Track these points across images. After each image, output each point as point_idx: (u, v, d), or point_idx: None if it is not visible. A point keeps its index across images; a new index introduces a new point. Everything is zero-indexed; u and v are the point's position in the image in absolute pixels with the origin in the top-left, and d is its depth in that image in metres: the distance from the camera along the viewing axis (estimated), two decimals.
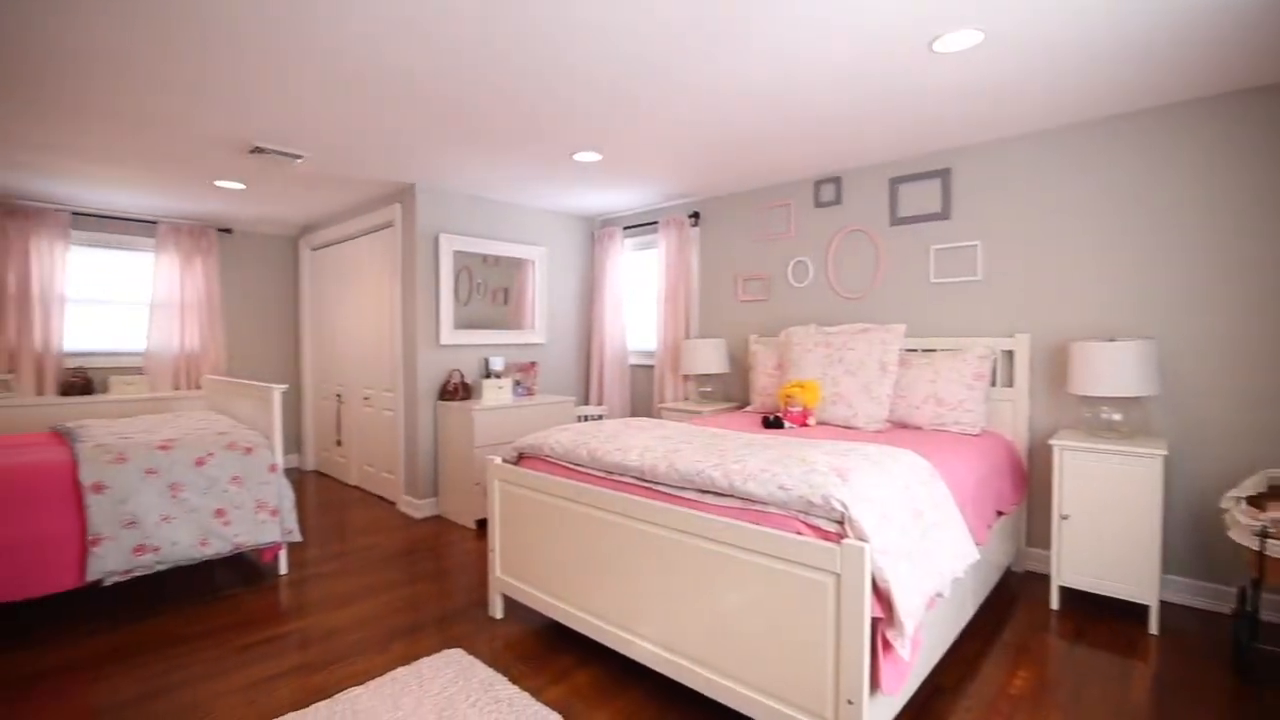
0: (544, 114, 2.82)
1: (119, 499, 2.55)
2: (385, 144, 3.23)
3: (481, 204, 4.31)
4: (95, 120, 2.84)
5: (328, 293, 5.28)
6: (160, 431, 2.98)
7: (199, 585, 2.96)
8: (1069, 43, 2.17)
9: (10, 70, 2.33)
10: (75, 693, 2.06)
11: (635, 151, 3.37)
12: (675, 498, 1.97)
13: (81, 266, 4.58)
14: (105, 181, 3.84)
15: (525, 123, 2.93)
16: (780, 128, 3.00)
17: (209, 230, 4.97)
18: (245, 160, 3.46)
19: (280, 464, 3.03)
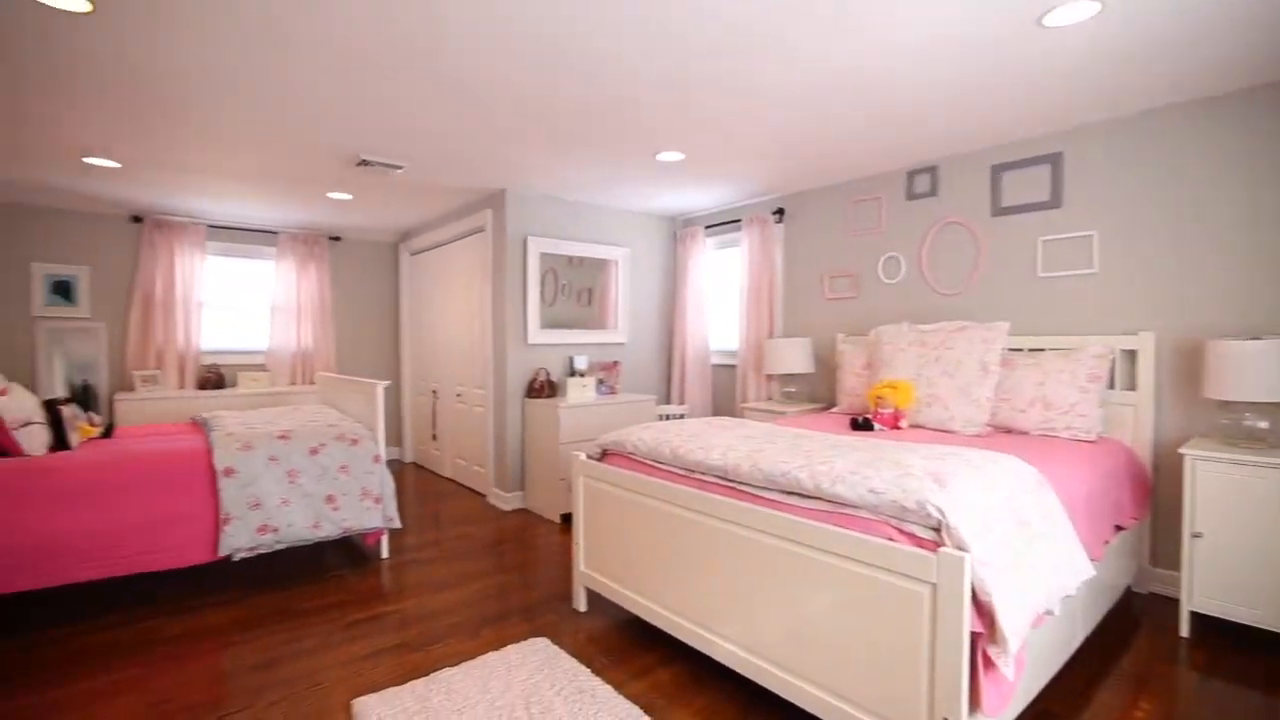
0: (628, 116, 2.85)
1: (245, 483, 2.81)
2: (478, 152, 3.38)
3: (567, 207, 4.42)
4: (226, 141, 3.15)
5: (425, 295, 5.58)
6: (279, 423, 3.26)
7: (311, 565, 3.22)
8: (1199, 6, 1.95)
9: (158, 100, 2.62)
10: (208, 656, 2.30)
11: (718, 150, 3.34)
12: (758, 498, 1.93)
13: (215, 274, 5.10)
14: (235, 196, 4.25)
15: (610, 125, 2.98)
16: (871, 118, 2.88)
17: (321, 238, 5.39)
18: (353, 172, 3.72)
19: (383, 455, 3.24)
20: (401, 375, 5.96)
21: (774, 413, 3.89)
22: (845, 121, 2.93)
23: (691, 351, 4.79)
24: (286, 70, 2.37)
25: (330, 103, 2.68)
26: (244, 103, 2.68)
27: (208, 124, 2.91)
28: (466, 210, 4.66)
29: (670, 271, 5.09)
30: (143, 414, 4.44)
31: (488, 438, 4.42)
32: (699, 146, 3.28)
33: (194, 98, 2.61)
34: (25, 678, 2.14)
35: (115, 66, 2.32)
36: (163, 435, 3.19)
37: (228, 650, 2.34)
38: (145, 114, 2.78)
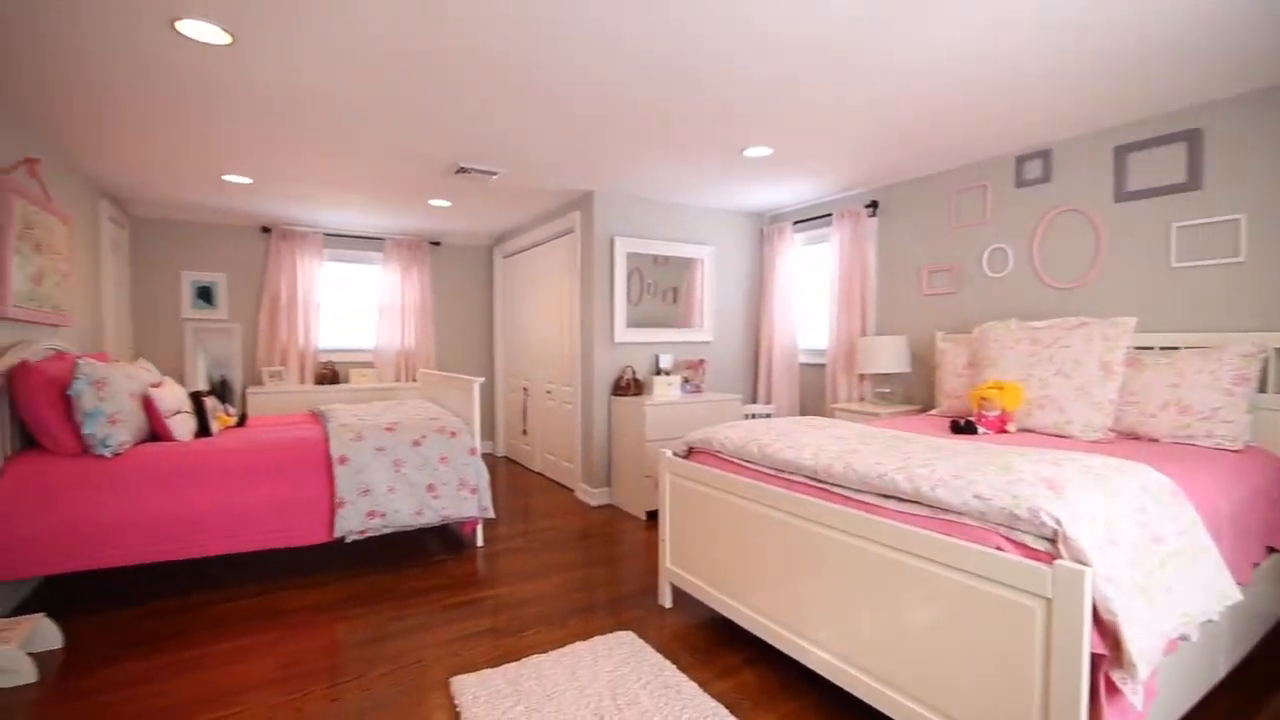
0: (718, 113, 2.83)
1: (357, 470, 3.03)
2: (568, 156, 3.47)
3: (653, 206, 4.45)
4: (343, 156, 3.41)
5: (517, 296, 5.80)
6: (385, 416, 3.49)
7: (414, 550, 3.43)
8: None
9: (287, 121, 2.88)
10: (326, 628, 2.50)
11: (808, 143, 3.26)
12: (851, 500, 1.87)
13: (330, 278, 5.53)
14: (347, 206, 4.59)
15: (698, 123, 2.97)
16: (977, 101, 2.71)
17: (423, 243, 5.73)
18: (452, 180, 3.92)
19: (478, 448, 3.40)
20: (495, 373, 6.22)
21: (867, 414, 3.74)
22: (949, 106, 2.77)
23: (779, 350, 4.69)
24: (398, 87, 2.53)
25: (433, 115, 2.84)
26: (361, 120, 2.89)
27: (328, 141, 3.17)
28: (556, 213, 4.79)
29: (756, 269, 5.01)
30: (269, 406, 4.90)
31: (575, 434, 4.54)
32: (789, 140, 3.21)
33: (318, 118, 2.85)
34: (177, 638, 2.42)
35: (250, 92, 2.57)
36: (287, 425, 3.50)
37: (342, 624, 2.53)
38: (276, 134, 3.06)
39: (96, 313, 3.99)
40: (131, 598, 2.79)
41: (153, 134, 3.06)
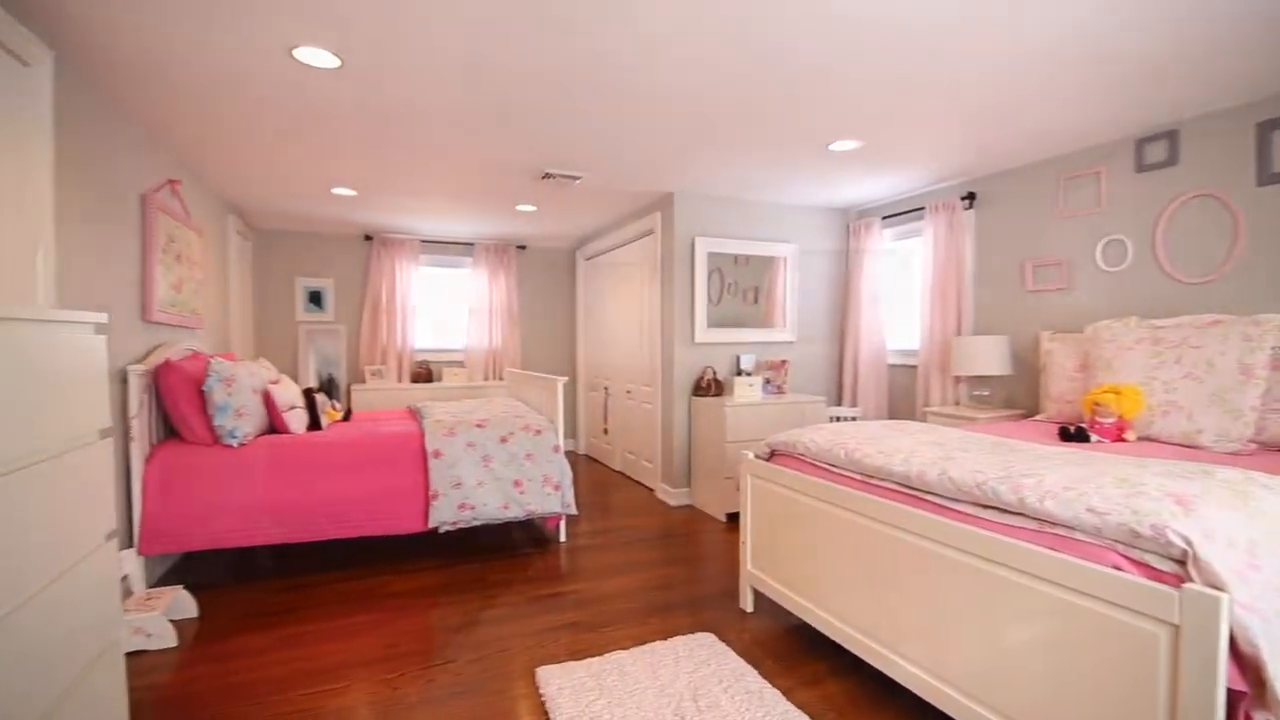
0: (802, 108, 2.77)
1: (449, 464, 3.19)
2: (650, 157, 3.50)
3: (734, 205, 4.41)
4: (439, 167, 3.60)
5: (598, 297, 5.91)
6: (476, 413, 3.65)
7: (502, 542, 3.57)
8: None
9: (390, 136, 3.08)
10: (422, 612, 2.65)
11: (899, 134, 3.12)
12: (947, 510, 1.77)
13: (425, 282, 5.85)
14: (441, 214, 4.84)
15: (782, 119, 2.91)
16: (1091, 79, 2.50)
17: (510, 248, 5.95)
18: (538, 185, 4.05)
19: (561, 446, 3.49)
20: (576, 372, 6.36)
21: (963, 418, 3.53)
22: (1058, 86, 2.57)
23: (866, 350, 4.52)
24: (494, 98, 2.65)
25: (523, 123, 2.95)
26: (458, 131, 3.04)
27: (424, 152, 3.35)
28: (637, 214, 4.84)
29: (841, 266, 4.85)
30: (370, 402, 5.25)
31: (655, 434, 4.56)
32: (879, 130, 3.09)
33: (415, 131, 3.03)
34: (304, 610, 2.64)
35: (357, 111, 2.77)
36: (387, 421, 3.73)
37: (436, 609, 2.67)
38: (378, 148, 3.28)
39: (225, 316, 4.42)
40: (253, 575, 3.06)
41: (271, 153, 3.35)
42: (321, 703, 2.00)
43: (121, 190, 2.74)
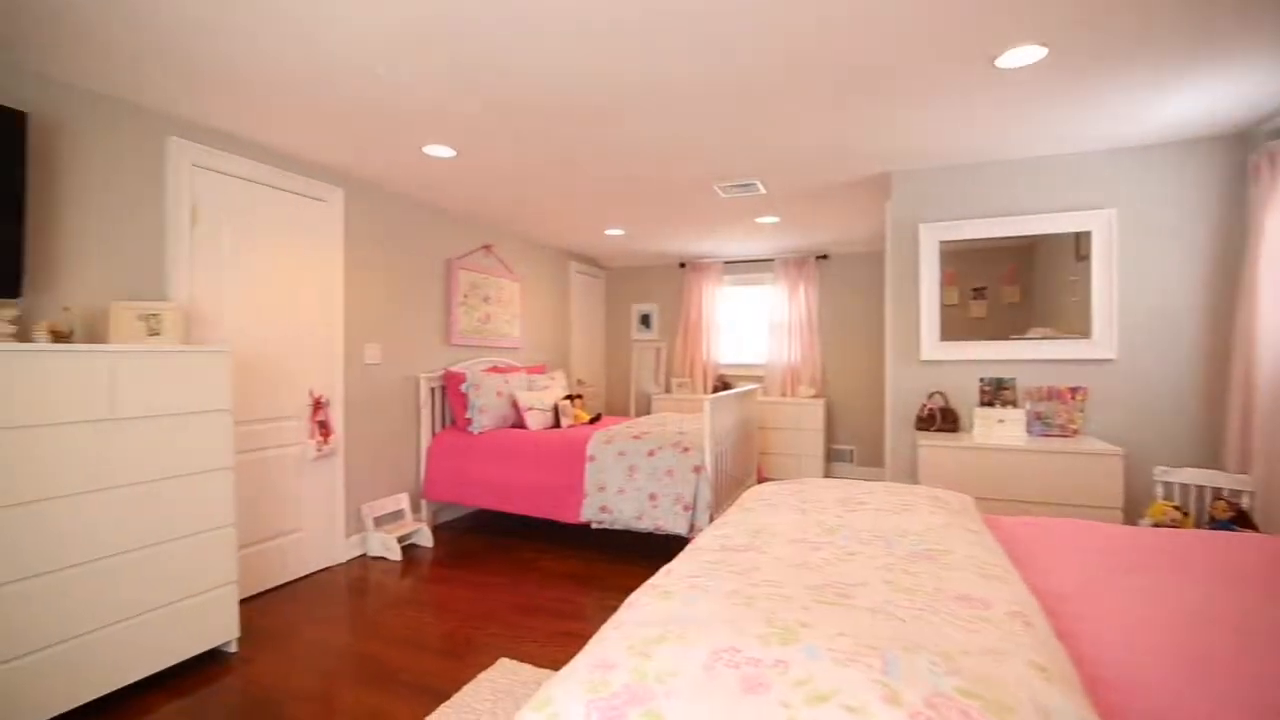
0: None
1: (600, 469, 3.56)
2: (853, 129, 3.04)
3: (982, 174, 3.22)
4: (670, 201, 4.02)
5: None
6: (640, 426, 3.87)
7: (645, 548, 3.68)
8: None
9: (621, 186, 3.71)
10: (564, 593, 3.13)
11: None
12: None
13: (729, 299, 6.20)
14: (712, 236, 5.15)
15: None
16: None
17: (809, 259, 5.70)
18: (769, 197, 3.96)
19: (706, 467, 3.37)
20: (885, 389, 5.52)
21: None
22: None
23: (1275, 373, 2.59)
24: (693, 132, 2.97)
25: (695, 142, 3.10)
26: (643, 162, 3.44)
27: (640, 190, 3.85)
28: (869, 207, 4.02)
29: (1223, 230, 2.87)
30: (669, 410, 5.93)
31: (886, 467, 3.71)
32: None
33: (650, 182, 3.57)
34: (487, 561, 3.53)
35: (596, 167, 3.50)
36: (603, 426, 4.33)
37: (576, 599, 3.11)
38: (618, 199, 3.95)
39: (565, 338, 5.86)
40: (478, 530, 4.14)
41: (559, 214, 4.43)
42: (462, 628, 2.76)
43: (431, 258, 4.22)
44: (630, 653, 0.91)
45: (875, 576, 1.32)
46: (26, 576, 1.86)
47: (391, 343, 3.88)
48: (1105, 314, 3.03)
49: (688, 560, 1.36)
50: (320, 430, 3.30)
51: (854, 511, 1.78)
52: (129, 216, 2.52)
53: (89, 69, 2.24)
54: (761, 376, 6.00)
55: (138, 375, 2.15)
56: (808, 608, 1.08)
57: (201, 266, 2.79)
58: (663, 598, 1.13)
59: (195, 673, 2.31)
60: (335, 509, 3.47)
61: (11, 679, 1.83)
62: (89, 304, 2.39)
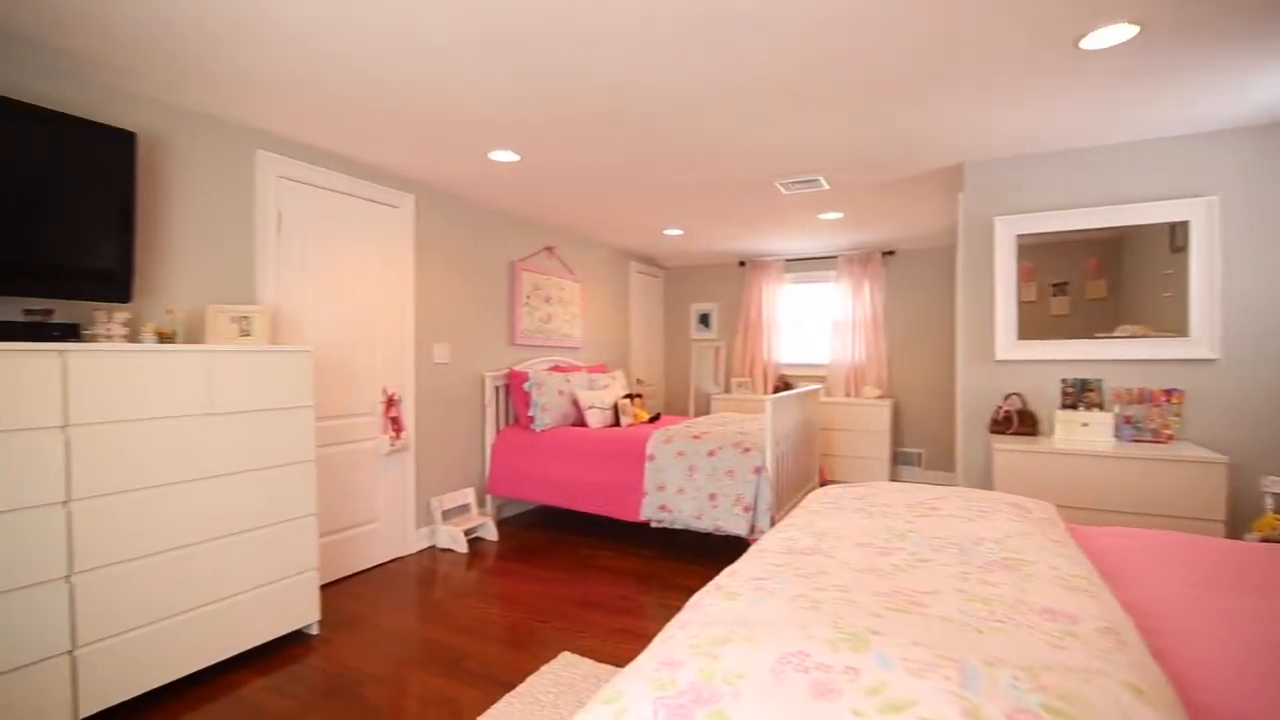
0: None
1: (659, 468, 3.57)
2: (927, 114, 2.94)
3: (1064, 163, 3.04)
4: (710, 197, 4.01)
5: None
6: (700, 426, 3.85)
7: (706, 549, 3.65)
8: None
9: (673, 193, 3.73)
10: (624, 590, 3.18)
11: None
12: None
13: (789, 298, 6.08)
14: (774, 234, 5.07)
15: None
16: None
17: (875, 255, 5.52)
18: (832, 194, 3.88)
19: (766, 468, 3.33)
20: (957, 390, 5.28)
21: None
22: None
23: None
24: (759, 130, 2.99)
25: (751, 138, 3.11)
26: (752, 164, 3.46)
27: (699, 191, 3.85)
28: (938, 200, 3.85)
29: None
30: (727, 410, 5.88)
31: (958, 472, 3.56)
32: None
33: (715, 188, 3.60)
34: (553, 557, 3.61)
35: (649, 176, 3.55)
36: (662, 425, 4.33)
37: (633, 597, 3.15)
38: (672, 202, 3.97)
39: (625, 337, 5.90)
40: (538, 525, 4.21)
41: (621, 215, 4.48)
42: (526, 620, 2.86)
43: (496, 260, 4.34)
44: (696, 652, 0.91)
45: (949, 585, 1.27)
46: (134, 558, 2.03)
47: (458, 342, 4.01)
48: (1206, 310, 2.80)
49: (752, 562, 1.35)
50: (393, 426, 3.46)
51: (925, 517, 1.72)
52: (222, 226, 2.71)
53: (189, 91, 2.42)
54: (824, 376, 5.86)
55: (231, 373, 2.31)
56: (878, 614, 1.05)
57: (286, 271, 2.96)
58: (728, 599, 1.12)
59: (280, 652, 2.46)
60: (406, 502, 3.62)
61: (124, 649, 2.00)
62: (188, 307, 2.58)
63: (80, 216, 2.15)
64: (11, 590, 1.76)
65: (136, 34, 2.00)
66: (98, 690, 1.94)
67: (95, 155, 2.18)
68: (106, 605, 1.96)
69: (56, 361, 1.86)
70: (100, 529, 1.95)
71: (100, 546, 1.95)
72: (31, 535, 1.80)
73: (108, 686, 1.96)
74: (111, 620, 1.97)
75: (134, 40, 2.03)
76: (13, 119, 1.99)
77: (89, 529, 1.92)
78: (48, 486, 1.83)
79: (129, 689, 2.01)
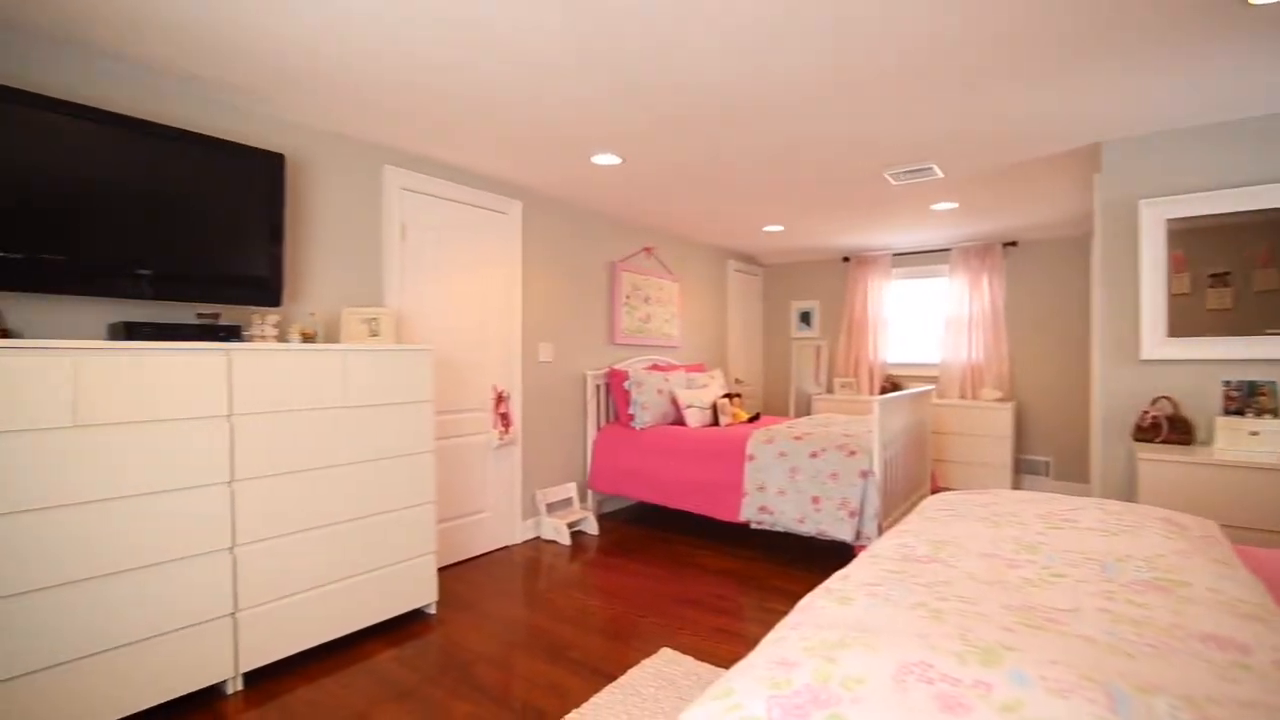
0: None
1: (759, 468, 3.51)
2: (1057, 104, 2.75)
3: (1225, 135, 2.67)
4: (817, 191, 3.91)
5: None
6: (800, 427, 3.73)
7: (808, 553, 3.53)
8: None
9: (779, 189, 3.71)
10: (723, 590, 3.19)
11: None
12: None
13: (898, 294, 5.77)
14: (908, 227, 4.84)
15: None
16: None
17: (994, 246, 5.13)
18: (948, 181, 3.68)
19: (874, 471, 3.18)
20: (1093, 393, 4.79)
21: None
22: None
23: None
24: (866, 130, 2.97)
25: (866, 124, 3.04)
26: (859, 157, 3.41)
27: (806, 183, 3.79)
28: (1070, 185, 3.49)
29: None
30: (829, 412, 5.66)
31: (1094, 482, 3.23)
32: None
33: (810, 177, 3.56)
34: (645, 552, 3.67)
35: (741, 175, 3.57)
36: (762, 425, 4.25)
37: (734, 598, 3.15)
38: (772, 198, 3.94)
39: (722, 335, 5.85)
40: (638, 522, 4.25)
41: (716, 213, 4.48)
42: (626, 614, 2.96)
43: (596, 261, 4.45)
44: (810, 654, 0.89)
45: (1090, 603, 1.16)
46: (283, 534, 2.27)
47: (561, 342, 4.15)
48: None
49: (865, 567, 1.30)
50: (502, 421, 3.63)
51: (1058, 529, 1.58)
52: (354, 234, 2.97)
53: (325, 114, 2.67)
54: (936, 377, 5.52)
55: (362, 370, 2.52)
56: (1009, 629, 0.98)
57: (408, 275, 3.19)
58: (841, 603, 1.09)
59: (404, 628, 2.66)
60: (513, 494, 3.79)
61: (274, 615, 2.24)
62: (326, 309, 2.85)
63: (240, 231, 2.43)
64: (189, 557, 2.03)
65: (281, 65, 2.23)
66: (255, 649, 2.19)
67: (252, 176, 2.45)
68: (261, 575, 2.21)
69: (223, 359, 2.12)
70: (256, 507, 2.20)
71: (256, 523, 2.20)
72: (205, 510, 2.06)
73: (262, 647, 2.21)
74: (265, 588, 2.21)
75: (278, 70, 2.27)
76: (187, 146, 2.29)
77: (247, 507, 2.17)
78: (216, 468, 2.09)
79: (279, 650, 2.25)
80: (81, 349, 1.82)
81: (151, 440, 1.95)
